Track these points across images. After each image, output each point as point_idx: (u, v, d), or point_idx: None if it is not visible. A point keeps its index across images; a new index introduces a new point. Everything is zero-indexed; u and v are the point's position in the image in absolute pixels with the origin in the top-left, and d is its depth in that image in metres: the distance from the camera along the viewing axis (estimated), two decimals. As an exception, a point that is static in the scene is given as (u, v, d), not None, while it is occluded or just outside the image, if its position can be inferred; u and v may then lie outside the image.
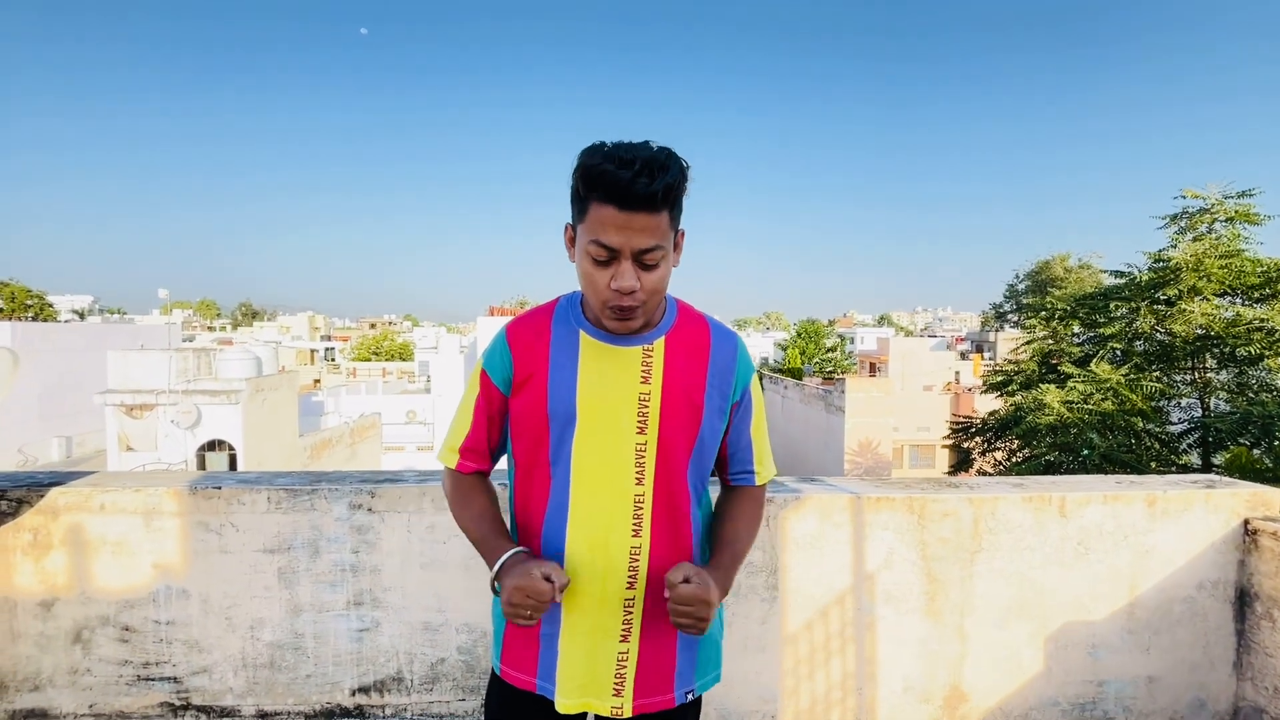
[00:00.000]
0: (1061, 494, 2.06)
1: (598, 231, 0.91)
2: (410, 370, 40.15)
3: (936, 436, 21.28)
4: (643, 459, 0.99)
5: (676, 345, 1.03)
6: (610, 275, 0.93)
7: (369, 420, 21.06)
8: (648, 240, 0.91)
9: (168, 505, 2.06)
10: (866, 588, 2.03)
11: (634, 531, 0.99)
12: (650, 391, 1.00)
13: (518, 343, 1.03)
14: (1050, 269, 31.73)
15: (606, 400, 1.00)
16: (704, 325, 1.08)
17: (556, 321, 1.04)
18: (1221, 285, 9.88)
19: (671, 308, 1.07)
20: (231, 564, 2.08)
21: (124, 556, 2.06)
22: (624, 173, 0.87)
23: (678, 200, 0.94)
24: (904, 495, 2.04)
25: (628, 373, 1.00)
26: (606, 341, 1.01)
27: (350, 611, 2.10)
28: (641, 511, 0.99)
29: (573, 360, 1.01)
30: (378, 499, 2.08)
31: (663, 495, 1.01)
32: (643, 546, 0.99)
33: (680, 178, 0.92)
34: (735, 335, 1.10)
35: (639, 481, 0.99)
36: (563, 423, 1.00)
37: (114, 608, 2.07)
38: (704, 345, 1.05)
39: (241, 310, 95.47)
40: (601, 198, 0.90)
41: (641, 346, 1.01)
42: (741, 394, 1.07)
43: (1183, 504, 2.07)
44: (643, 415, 0.99)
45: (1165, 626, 2.08)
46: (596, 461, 0.99)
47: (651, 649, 1.02)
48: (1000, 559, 2.05)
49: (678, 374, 1.02)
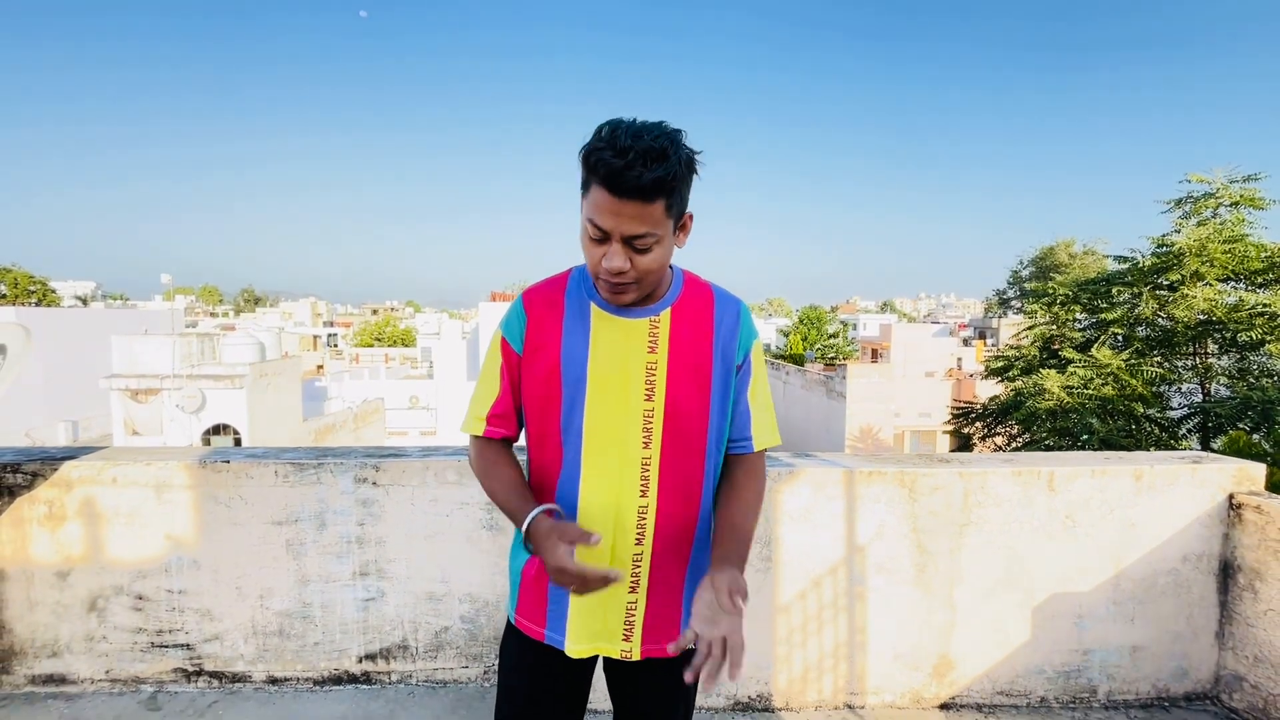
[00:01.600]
0: (1050, 469, 2.10)
1: (593, 212, 0.96)
2: (413, 356, 40.23)
3: (938, 423, 21.33)
4: (650, 424, 1.05)
5: (682, 315, 1.09)
6: (603, 254, 0.98)
7: (372, 405, 21.17)
8: (638, 227, 0.95)
9: (178, 478, 2.12)
10: (858, 559, 2.09)
11: (641, 492, 1.05)
12: (657, 360, 1.06)
13: (533, 310, 1.09)
14: (1054, 255, 31.55)
15: (615, 369, 1.05)
16: (708, 293, 1.13)
17: (569, 294, 1.10)
18: (1224, 270, 9.85)
19: (678, 280, 1.12)
20: (241, 535, 2.14)
21: (136, 528, 2.12)
22: (617, 161, 0.90)
23: (674, 190, 0.95)
24: (895, 469, 2.08)
25: (635, 343, 1.06)
26: (615, 314, 1.07)
27: (356, 582, 2.16)
28: (649, 474, 1.05)
29: (585, 331, 1.07)
30: (382, 473, 2.14)
31: (670, 458, 1.06)
32: (649, 506, 1.05)
33: (677, 170, 0.93)
34: (738, 301, 1.14)
35: (645, 445, 1.05)
36: (574, 390, 1.06)
37: (128, 577, 2.13)
38: (708, 313, 1.10)
39: (244, 296, 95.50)
40: (598, 181, 0.94)
41: (649, 318, 1.07)
42: (743, 358, 1.11)
43: (1169, 479, 2.11)
44: (650, 383, 1.05)
45: (1150, 598, 2.13)
46: (606, 427, 1.05)
47: (658, 599, 1.08)
48: (989, 532, 2.10)
49: (683, 343, 1.07)
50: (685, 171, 0.96)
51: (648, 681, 1.12)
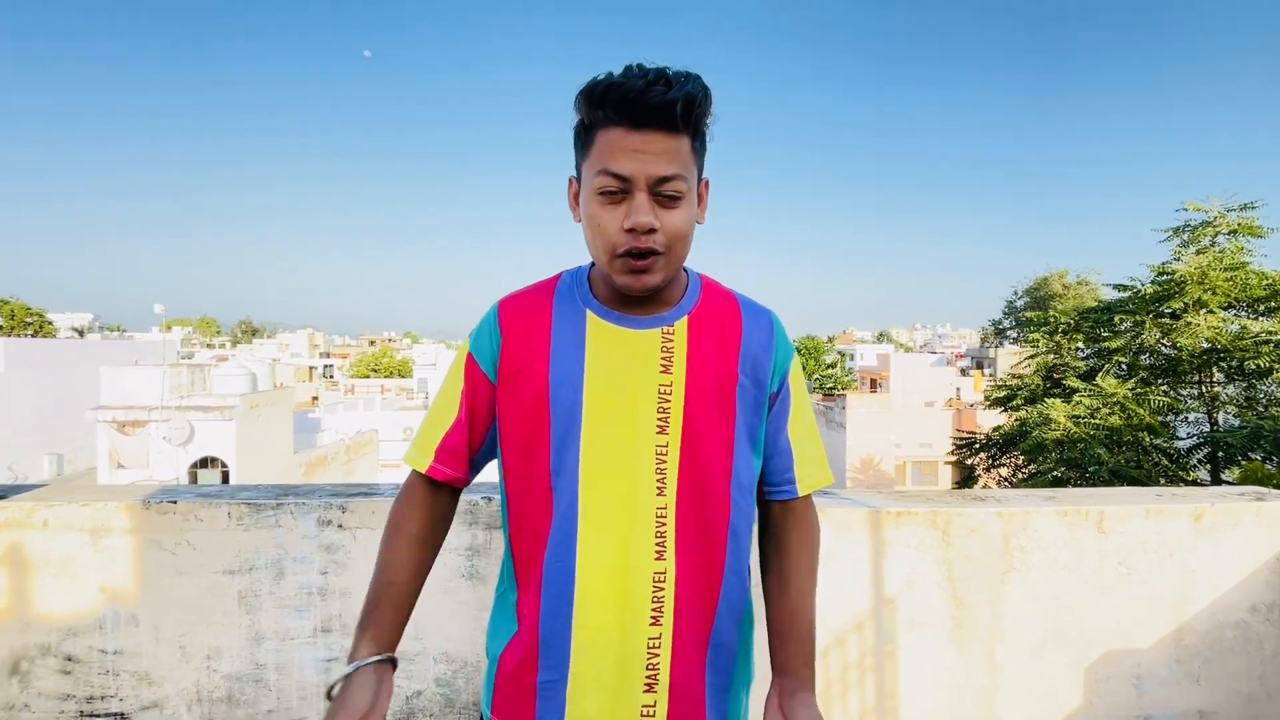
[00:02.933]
0: (1099, 508, 1.88)
1: (606, 159, 0.76)
2: (409, 387, 40.00)
3: (940, 453, 21.06)
4: (664, 464, 0.82)
5: (702, 326, 0.87)
6: (623, 214, 0.77)
7: (365, 437, 20.83)
8: (667, 165, 0.76)
9: (118, 522, 1.88)
10: (887, 612, 1.85)
11: (658, 554, 0.81)
12: (672, 382, 0.83)
13: (511, 322, 0.87)
14: (1048, 285, 31.74)
15: (619, 394, 0.83)
16: (733, 302, 0.91)
17: (559, 299, 0.88)
18: (1227, 298, 9.78)
19: (695, 283, 0.90)
20: (187, 587, 1.89)
21: (68, 579, 1.87)
22: (636, 82, 0.74)
23: (700, 125, 0.80)
24: (926, 509, 1.86)
25: (645, 360, 0.84)
26: (618, 324, 0.85)
27: (317, 639, 1.91)
28: (665, 529, 0.81)
29: (579, 346, 0.84)
30: (349, 514, 1.90)
31: (690, 509, 0.82)
32: (668, 572, 0.81)
33: (704, 94, 0.78)
34: (769, 312, 0.92)
35: (660, 492, 0.82)
36: (566, 422, 0.83)
37: (56, 635, 1.87)
38: (734, 325, 0.89)
39: (241, 328, 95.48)
40: (609, 117, 0.76)
41: (661, 329, 0.85)
42: (780, 383, 0.90)
43: (1231, 519, 1.89)
44: (663, 411, 0.82)
45: (1216, 655, 1.88)
46: (609, 468, 0.82)
47: (682, 701, 0.82)
48: (1033, 580, 1.86)
49: (704, 360, 0.85)
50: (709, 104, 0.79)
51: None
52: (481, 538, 1.92)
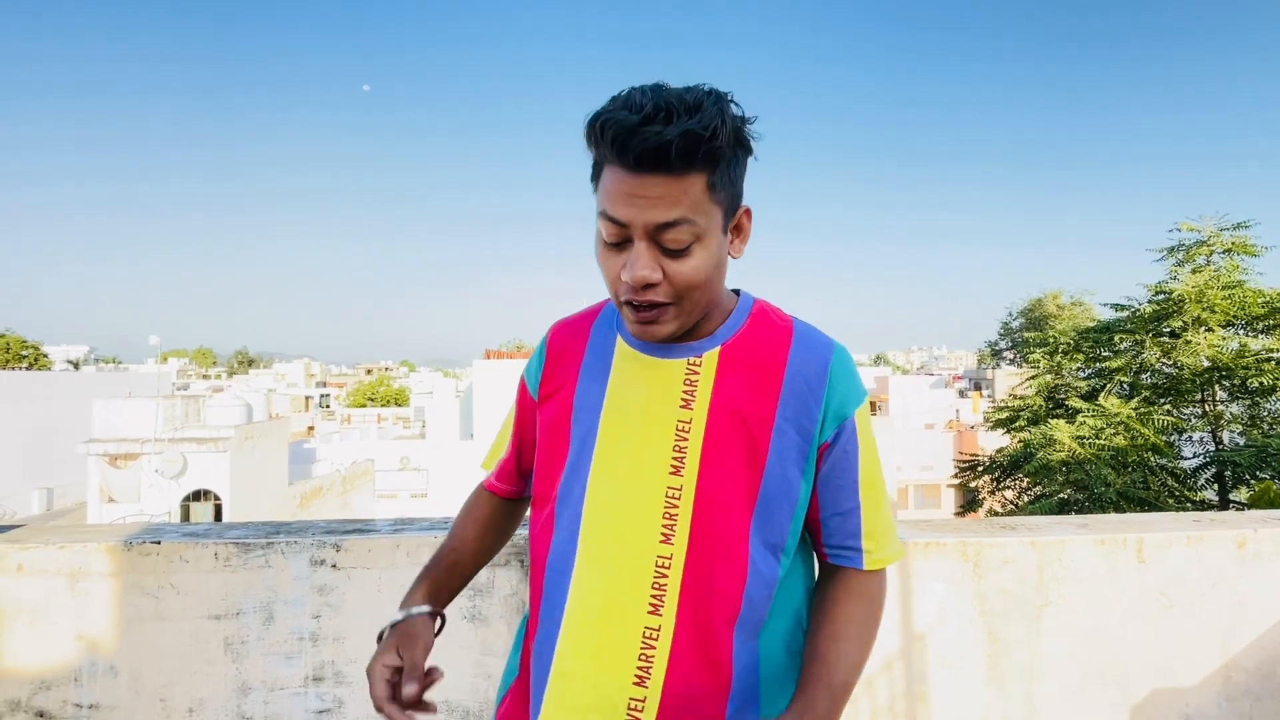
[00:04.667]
0: (1138, 535, 1.78)
1: (605, 201, 0.69)
2: (405, 416, 39.73)
3: (942, 476, 20.88)
4: (675, 509, 0.74)
5: (736, 357, 0.78)
6: (623, 263, 0.70)
7: (361, 467, 20.55)
8: (668, 211, 0.66)
9: (97, 564, 1.77)
10: (917, 650, 1.73)
11: (652, 607, 0.72)
12: (692, 419, 0.75)
13: (554, 346, 0.84)
14: (1043, 306, 31.92)
15: (634, 427, 0.76)
16: (785, 330, 0.81)
17: (598, 324, 0.83)
18: (1226, 316, 9.79)
19: (743, 309, 0.82)
20: (170, 634, 1.77)
21: (42, 626, 1.75)
22: (630, 118, 0.64)
23: (717, 160, 0.68)
24: (956, 539, 1.76)
25: (665, 393, 0.76)
26: (645, 352, 0.78)
27: (308, 689, 1.78)
28: (666, 581, 0.72)
29: (604, 372, 0.79)
30: (343, 553, 1.80)
31: (699, 563, 0.73)
32: (662, 628, 0.72)
33: (718, 128, 0.66)
34: (831, 344, 0.81)
35: (666, 540, 0.73)
36: (581, 448, 0.78)
37: (28, 689, 1.75)
38: (779, 358, 0.78)
39: (238, 358, 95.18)
40: (609, 154, 0.67)
41: (687, 359, 0.77)
42: (837, 431, 0.77)
43: (1276, 545, 1.80)
44: (679, 450, 0.74)
45: (1268, 693, 1.77)
46: (613, 504, 0.75)
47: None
48: (1071, 614, 1.76)
49: (733, 397, 0.76)
50: (733, 141, 0.68)
51: None
52: (484, 576, 1.81)
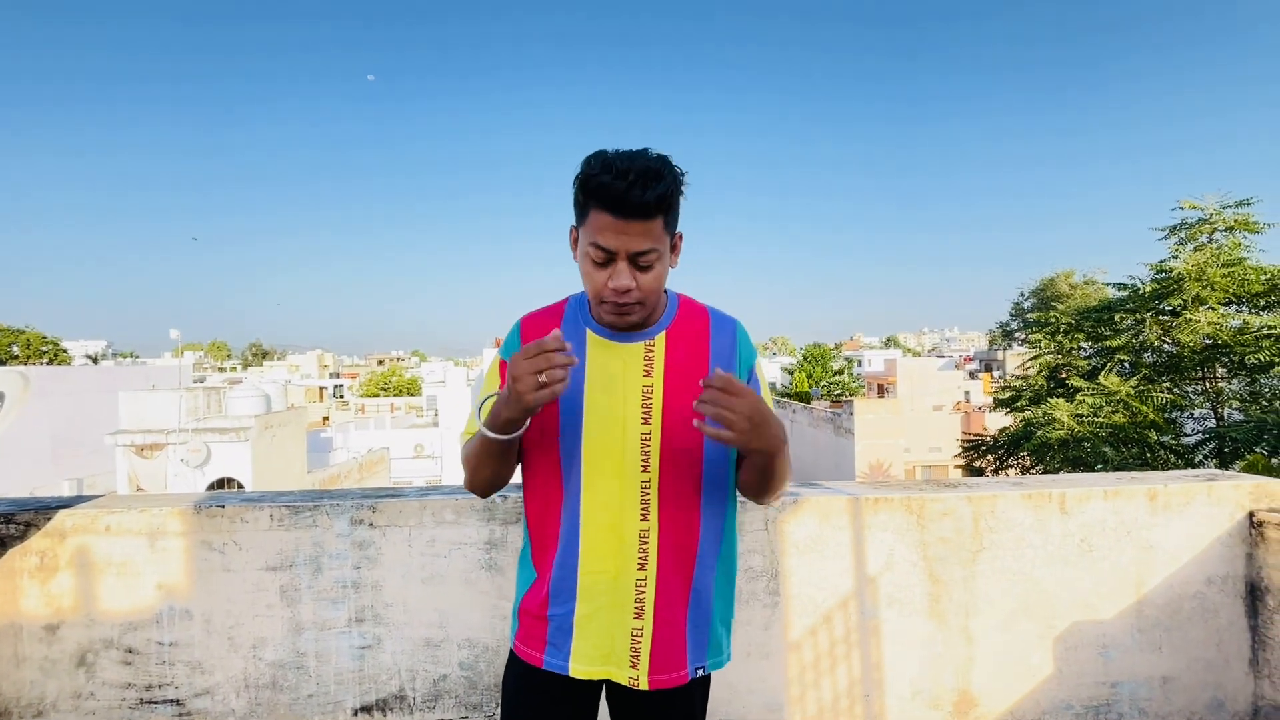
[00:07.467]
0: (1061, 490, 2.05)
1: (596, 235, 0.99)
2: (418, 405, 40.29)
3: (948, 456, 21.03)
4: (648, 448, 1.05)
5: (677, 338, 1.10)
6: (608, 275, 1.01)
7: (377, 455, 21.07)
8: (643, 244, 0.99)
9: (172, 525, 2.09)
10: (869, 591, 2.02)
11: (642, 515, 1.05)
12: (653, 384, 1.07)
13: (530, 334, 1.13)
14: (1055, 286, 31.72)
15: (612, 395, 1.07)
16: (703, 315, 1.15)
17: (566, 321, 1.13)
18: (1226, 294, 9.85)
19: (673, 303, 1.14)
20: (234, 583, 2.09)
21: (128, 578, 2.08)
22: (619, 184, 0.95)
23: (672, 207, 1.00)
24: (902, 495, 2.04)
25: (631, 368, 1.07)
26: (611, 339, 1.09)
27: (352, 629, 2.10)
28: (649, 497, 1.05)
29: (581, 358, 1.09)
30: (379, 514, 2.10)
31: (669, 482, 1.06)
32: (651, 530, 1.04)
33: (674, 186, 0.99)
34: (734, 320, 1.15)
35: (644, 469, 1.05)
36: (572, 418, 1.07)
37: (118, 630, 2.08)
38: (704, 335, 1.12)
39: (252, 350, 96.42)
40: (599, 205, 0.98)
41: (644, 342, 1.09)
42: (746, 378, 1.12)
43: (1184, 498, 2.06)
44: (646, 407, 1.06)
45: (1176, 624, 2.04)
46: (605, 453, 1.06)
47: (664, 628, 1.06)
48: (1003, 558, 2.03)
49: (679, 366, 1.08)
50: (678, 189, 1.01)
51: (657, 708, 1.08)
52: (499, 533, 2.11)
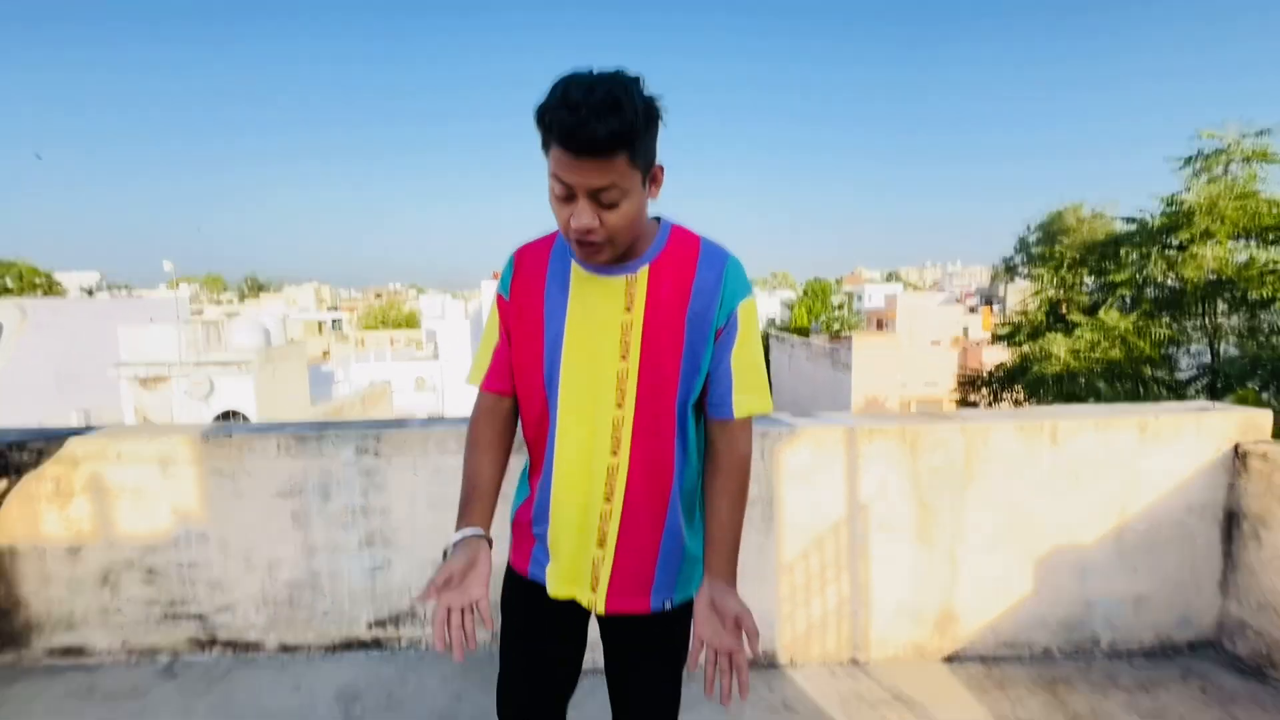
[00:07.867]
0: (1053, 422, 2.08)
1: (555, 168, 0.94)
2: (417, 339, 40.37)
3: (944, 391, 21.27)
4: (624, 384, 1.05)
5: (661, 272, 1.06)
6: (570, 212, 0.95)
7: (379, 388, 21.28)
8: (601, 180, 0.91)
9: (182, 453, 2.13)
10: (860, 517, 2.09)
11: (612, 450, 1.05)
12: (631, 320, 1.04)
13: (522, 267, 1.11)
14: (1062, 219, 31.06)
15: (591, 329, 1.05)
16: (694, 249, 1.08)
17: (554, 253, 1.10)
18: (1235, 227, 9.67)
19: (663, 235, 1.09)
20: (247, 508, 2.15)
21: (143, 502, 2.14)
22: (570, 118, 0.87)
23: (634, 142, 0.91)
24: (897, 426, 2.07)
25: (611, 302, 1.05)
26: (594, 272, 1.06)
27: (363, 551, 2.18)
28: (620, 433, 1.05)
29: (564, 290, 1.07)
30: (383, 443, 2.14)
31: (643, 419, 1.05)
32: (620, 465, 1.05)
33: (634, 121, 0.89)
34: (725, 255, 1.08)
35: (619, 405, 1.05)
36: (553, 349, 1.07)
37: (138, 551, 2.16)
38: (690, 268, 1.07)
39: (248, 284, 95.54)
40: (554, 139, 0.91)
41: (625, 276, 1.05)
42: (727, 319, 1.06)
43: (1175, 429, 2.10)
44: (624, 342, 1.04)
45: (1154, 549, 2.13)
46: (581, 386, 1.06)
47: (627, 559, 1.08)
48: (992, 487, 2.09)
49: (659, 301, 1.05)
50: (644, 121, 0.92)
51: (630, 635, 1.13)
52: (501, 461, 2.16)
